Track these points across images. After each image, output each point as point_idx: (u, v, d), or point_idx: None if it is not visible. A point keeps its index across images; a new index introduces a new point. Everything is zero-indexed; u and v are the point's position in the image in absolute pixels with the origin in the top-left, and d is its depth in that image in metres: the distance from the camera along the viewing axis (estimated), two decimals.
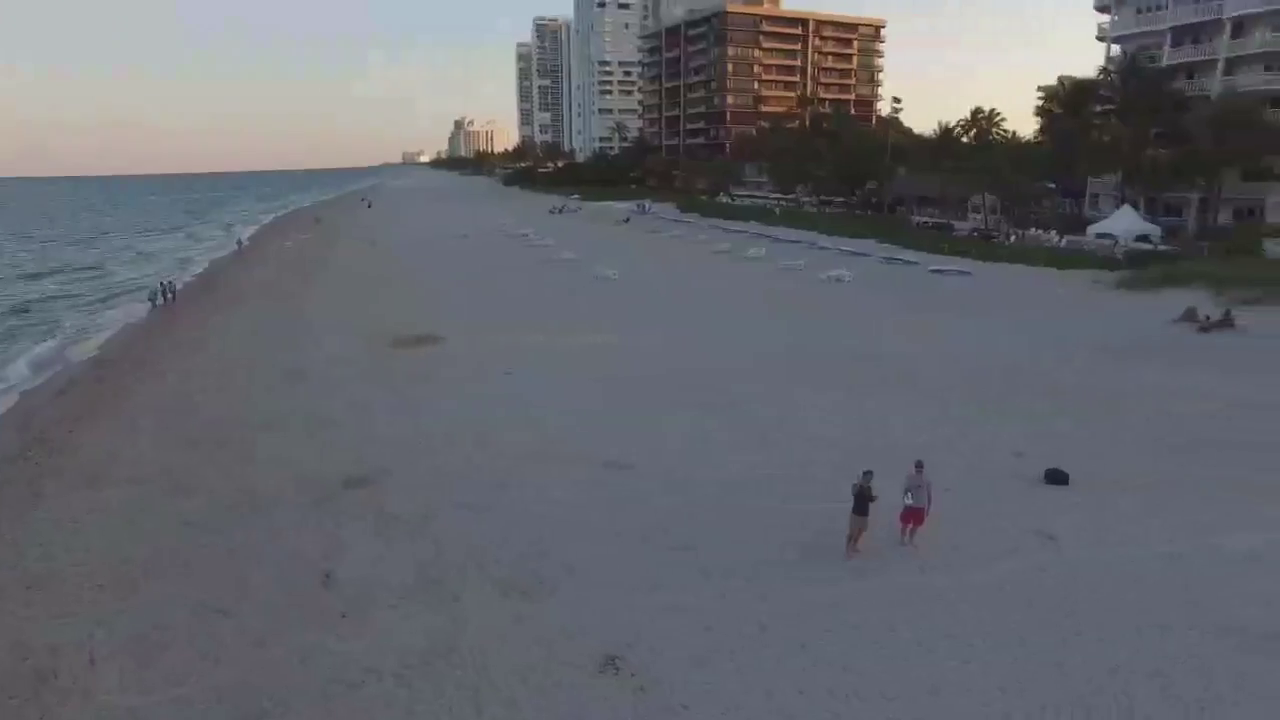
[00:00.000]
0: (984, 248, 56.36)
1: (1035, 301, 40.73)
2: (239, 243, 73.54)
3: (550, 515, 16.34)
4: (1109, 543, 15.22)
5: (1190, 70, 63.47)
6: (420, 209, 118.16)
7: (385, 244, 70.26)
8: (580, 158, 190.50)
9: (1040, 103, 73.85)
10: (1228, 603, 13.08)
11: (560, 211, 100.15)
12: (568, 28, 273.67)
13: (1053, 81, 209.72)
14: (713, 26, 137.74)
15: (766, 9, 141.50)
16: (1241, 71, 61.80)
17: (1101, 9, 70.34)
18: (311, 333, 34.25)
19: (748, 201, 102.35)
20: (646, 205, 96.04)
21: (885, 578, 14.05)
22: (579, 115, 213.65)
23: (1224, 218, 61.07)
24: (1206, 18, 62.82)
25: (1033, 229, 61.66)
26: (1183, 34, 64.40)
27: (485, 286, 45.88)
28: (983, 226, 67.53)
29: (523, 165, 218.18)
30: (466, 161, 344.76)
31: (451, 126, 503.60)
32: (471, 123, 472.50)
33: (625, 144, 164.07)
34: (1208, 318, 33.12)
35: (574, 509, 16.70)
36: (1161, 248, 51.20)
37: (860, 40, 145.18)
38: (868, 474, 14.52)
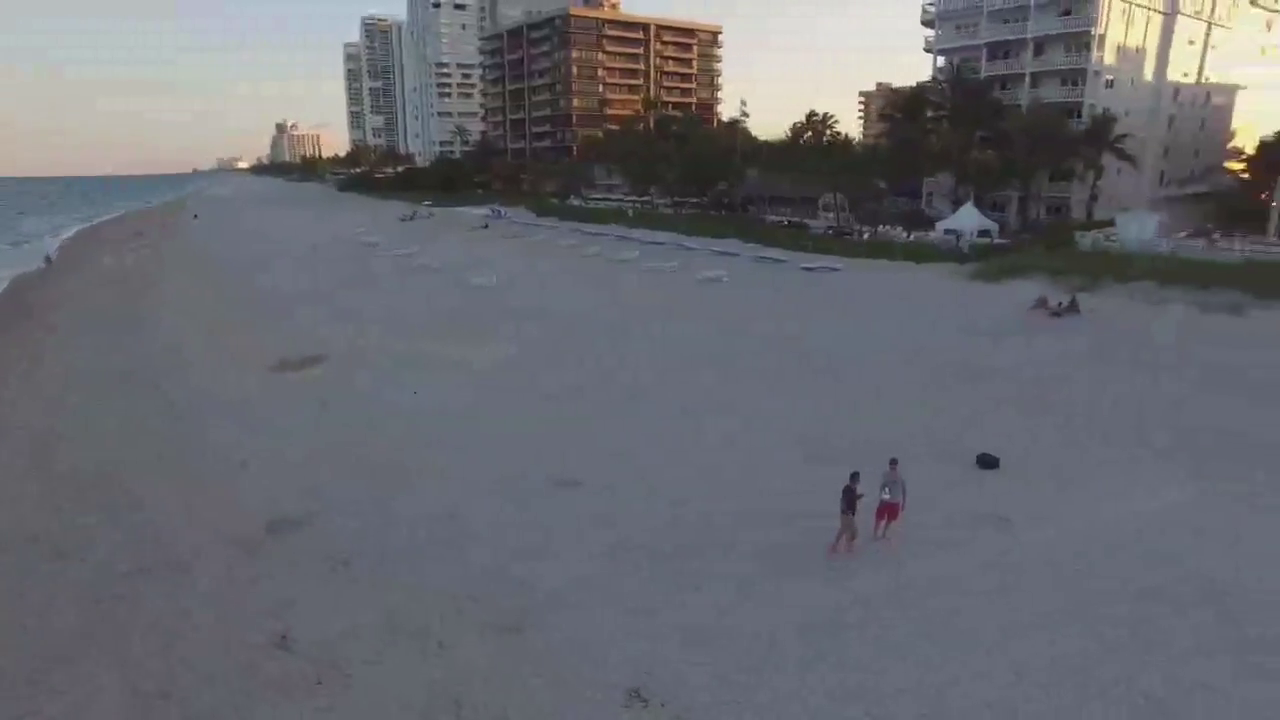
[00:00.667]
0: (844, 245, 59.50)
1: (907, 293, 43.41)
2: (47, 259, 64.53)
3: (513, 543, 15.36)
4: (1051, 520, 16.28)
5: (1003, 82, 70.32)
6: (254, 218, 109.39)
7: (227, 258, 64.33)
8: (420, 162, 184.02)
9: (861, 108, 79.55)
10: (1156, 565, 14.40)
11: (412, 218, 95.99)
12: (399, 28, 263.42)
13: (874, 88, 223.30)
14: (555, 29, 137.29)
15: (608, 13, 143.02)
16: (1044, 85, 69.28)
17: (927, 23, 76.34)
18: (175, 361, 30.31)
19: (602, 204, 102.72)
20: (501, 210, 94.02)
21: (871, 574, 14.28)
22: (416, 118, 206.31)
23: (1039, 213, 68.26)
24: (1013, 36, 69.89)
25: (883, 226, 65.91)
26: (995, 50, 71.26)
27: (356, 300, 42.93)
28: (836, 224, 71.41)
29: (358, 170, 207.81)
30: (293, 167, 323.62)
31: (273, 130, 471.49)
32: (295, 126, 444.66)
33: (467, 147, 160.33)
34: (1060, 304, 36.69)
35: (535, 533, 15.79)
36: (998, 241, 56.31)
37: (699, 45, 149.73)
38: (855, 475, 14.79)
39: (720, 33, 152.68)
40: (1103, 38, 65.59)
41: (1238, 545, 15.20)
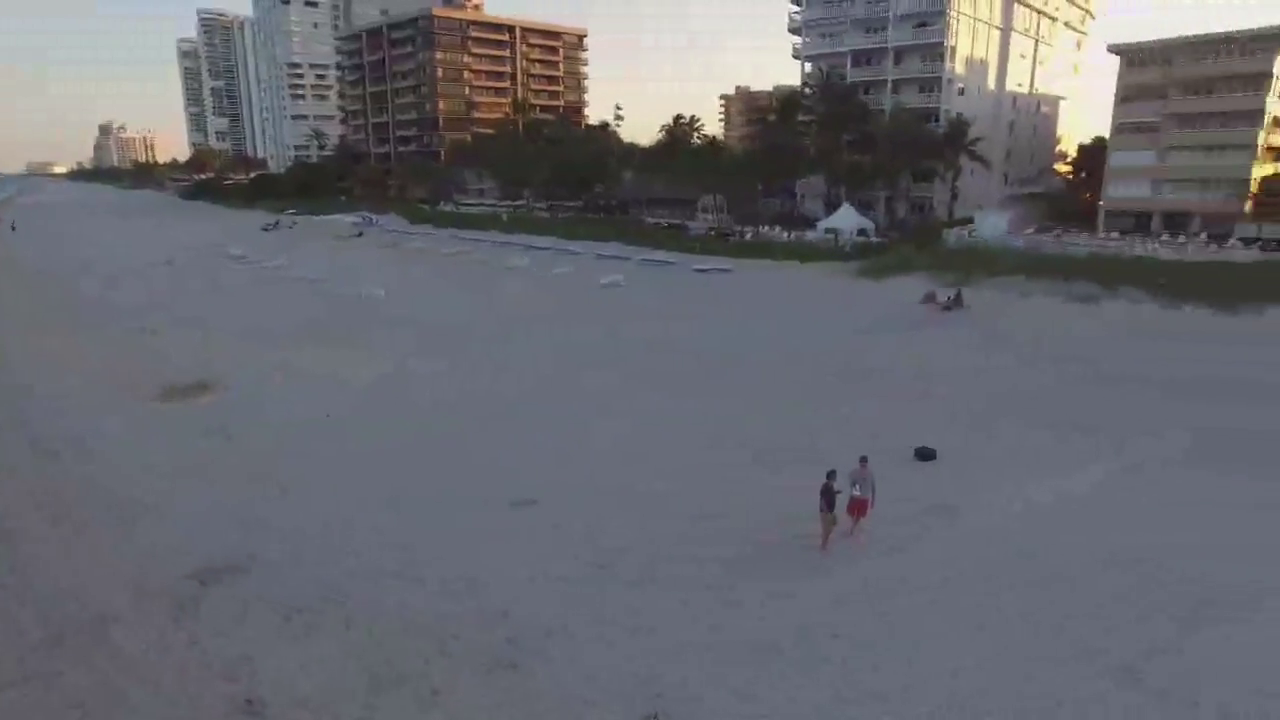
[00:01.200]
0: (728, 246, 60.88)
1: (801, 291, 44.93)
2: None
3: (484, 574, 14.47)
4: (993, 507, 17.15)
5: (867, 87, 74.20)
6: (89, 229, 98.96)
7: (66, 275, 57.64)
8: (274, 167, 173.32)
9: (721, 110, 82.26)
10: (1097, 539, 15.46)
11: (274, 227, 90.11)
12: (243, 25, 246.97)
13: (736, 92, 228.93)
14: (418, 30, 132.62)
15: (473, 14, 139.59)
16: (904, 91, 73.72)
17: (795, 31, 79.39)
18: (36, 396, 26.69)
19: (475, 209, 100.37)
20: (373, 218, 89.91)
21: (846, 571, 14.53)
22: (267, 121, 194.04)
23: (905, 212, 72.55)
24: (875, 45, 73.93)
25: (763, 227, 67.92)
26: (859, 57, 75.10)
27: (234, 318, 39.58)
28: (716, 226, 72.98)
29: (204, 176, 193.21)
30: (123, 173, 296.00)
31: (96, 133, 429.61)
32: (123, 128, 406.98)
33: (326, 152, 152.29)
34: (949, 298, 39.03)
35: (504, 560, 14.98)
36: (874, 240, 59.29)
37: (565, 48, 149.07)
38: (831, 473, 15.10)
39: (586, 35, 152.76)
40: (954, 49, 70.54)
41: (1156, 515, 16.61)
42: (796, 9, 78.55)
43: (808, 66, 78.87)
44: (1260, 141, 62.43)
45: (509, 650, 12.08)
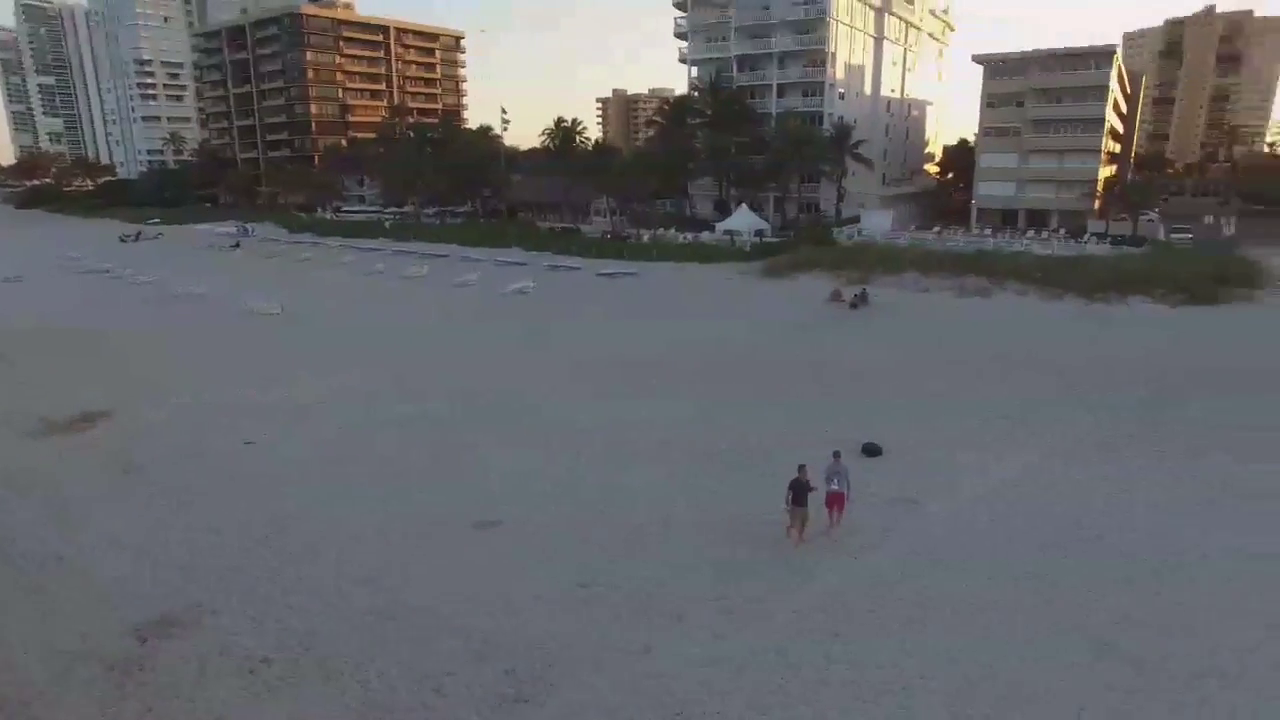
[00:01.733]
0: (629, 248, 60.94)
1: (710, 292, 45.51)
2: None
3: (463, 604, 13.63)
4: (949, 495, 17.82)
5: (753, 91, 76.19)
6: None
7: None
8: (123, 173, 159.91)
9: (599, 113, 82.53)
10: (1049, 517, 16.39)
11: (136, 239, 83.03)
12: (73, 14, 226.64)
13: (613, 95, 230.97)
14: (285, 29, 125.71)
15: (344, 13, 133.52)
16: (789, 95, 76.21)
17: (681, 36, 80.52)
18: None
19: (358, 217, 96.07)
20: (248, 227, 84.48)
21: (830, 567, 14.72)
22: (113, 122, 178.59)
23: (795, 213, 75.00)
24: (760, 50, 76.05)
25: (660, 229, 68.43)
26: (744, 62, 77.02)
27: (112, 339, 36.07)
28: (612, 229, 72.97)
29: (39, 182, 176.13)
30: None
31: None
32: None
33: (184, 157, 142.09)
34: (856, 296, 40.50)
35: (481, 586, 14.20)
36: (771, 240, 60.85)
37: (442, 50, 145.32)
38: (802, 468, 15.41)
39: (463, 38, 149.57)
40: (834, 55, 73.56)
41: (1095, 492, 17.78)
42: (682, 15, 79.74)
43: (694, 71, 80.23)
44: (1103, 147, 68.70)
45: (511, 683, 11.43)
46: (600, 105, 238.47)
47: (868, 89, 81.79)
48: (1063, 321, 36.10)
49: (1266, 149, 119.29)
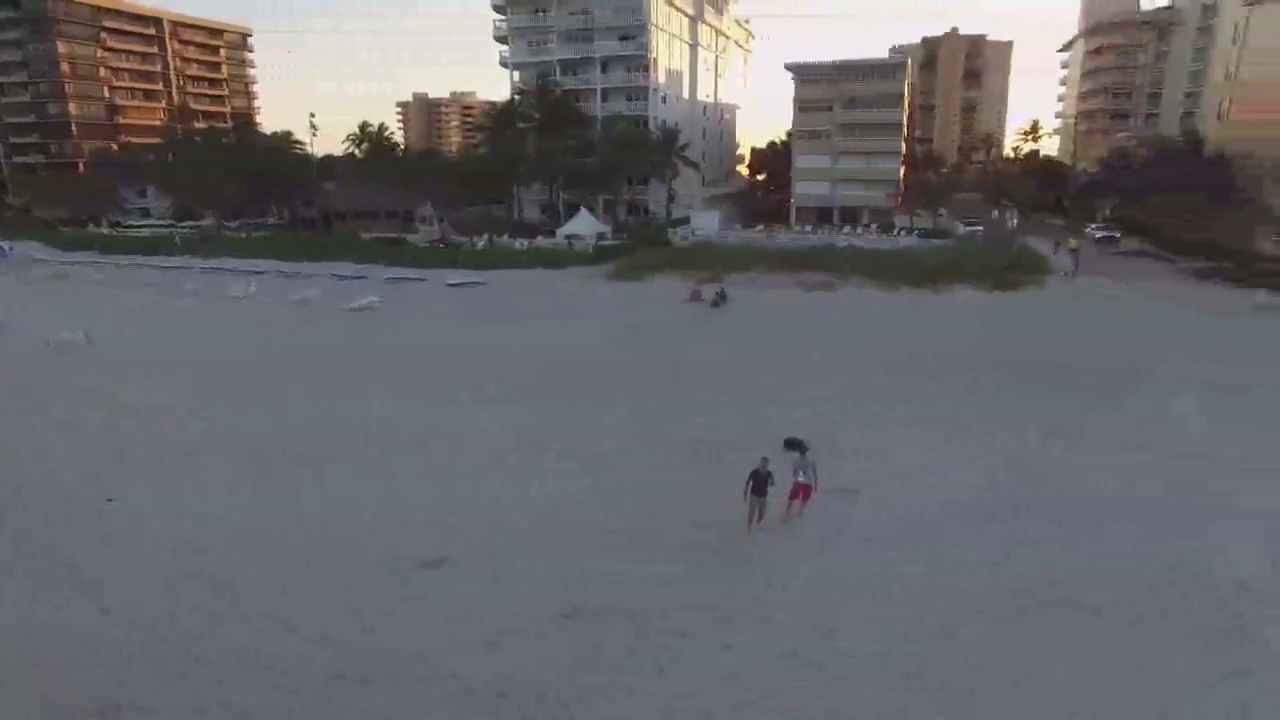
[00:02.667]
0: (467, 255, 58.84)
1: (567, 297, 44.97)
2: None
3: (449, 655, 12.36)
4: (882, 482, 18.71)
5: (578, 96, 76.44)
6: None
7: None
8: None
9: (399, 117, 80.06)
10: (979, 492, 17.79)
11: None
12: None
13: (414, 99, 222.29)
14: (28, 15, 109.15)
15: (105, 1, 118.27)
16: (613, 99, 77.28)
17: (501, 39, 79.07)
18: None
19: (144, 231, 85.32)
20: (7, 246, 72.44)
21: (802, 561, 15.01)
22: None
23: (625, 215, 76.21)
24: (582, 55, 76.46)
25: (492, 235, 66.54)
26: (568, 66, 77.10)
27: None
28: (441, 236, 70.20)
29: None
30: None
31: None
32: None
33: None
34: (716, 295, 41.65)
35: (461, 631, 13.00)
36: (613, 242, 61.20)
37: (227, 48, 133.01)
38: (765, 459, 15.93)
39: (250, 35, 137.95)
40: (656, 60, 75.51)
41: (1008, 464, 19.48)
42: (501, 18, 78.39)
43: (516, 75, 79.20)
44: (902, 149, 75.84)
45: None
46: (400, 110, 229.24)
47: (686, 93, 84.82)
48: (906, 309, 39.36)
49: (1011, 153, 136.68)
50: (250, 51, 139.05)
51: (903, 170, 77.96)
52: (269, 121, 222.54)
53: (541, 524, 16.94)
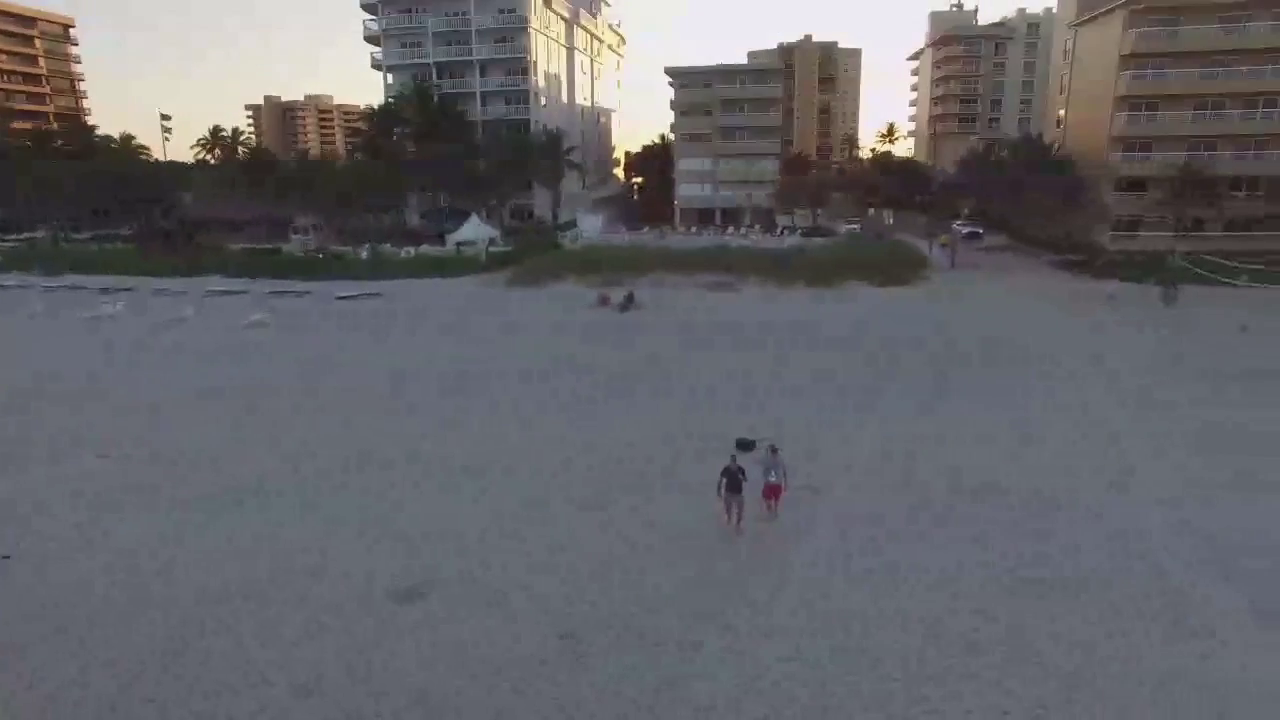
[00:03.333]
0: (353, 265, 55.92)
1: (473, 306, 43.64)
2: None
3: (457, 692, 11.69)
4: (842, 475, 19.27)
5: (458, 100, 74.28)
6: None
7: None
8: None
9: (250, 121, 75.77)
10: (940, 477, 18.82)
11: None
12: None
13: (265, 102, 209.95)
14: None
15: None
16: (493, 103, 75.78)
17: (372, 40, 75.72)
18: None
19: None
20: None
21: (788, 559, 15.28)
22: None
23: (507, 218, 74.88)
24: (460, 58, 74.48)
25: (375, 244, 63.55)
26: (444, 69, 74.88)
27: None
28: (321, 246, 66.51)
29: None
30: None
31: None
32: None
33: None
34: (625, 298, 41.70)
35: (463, 663, 12.32)
36: (503, 249, 59.97)
37: (45, 39, 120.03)
38: (734, 456, 16.67)
39: (73, 26, 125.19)
40: (535, 64, 74.68)
41: (946, 441, 20.66)
42: (371, 17, 75.11)
43: (389, 77, 76.17)
44: (780, 151, 78.76)
45: None
46: (251, 113, 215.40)
47: (565, 97, 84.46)
48: (809, 306, 40.99)
49: (869, 154, 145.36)
50: (74, 45, 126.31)
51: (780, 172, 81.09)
52: (102, 124, 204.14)
53: (508, 545, 16.41)
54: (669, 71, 76.23)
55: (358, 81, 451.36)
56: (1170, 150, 54.51)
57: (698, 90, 75.17)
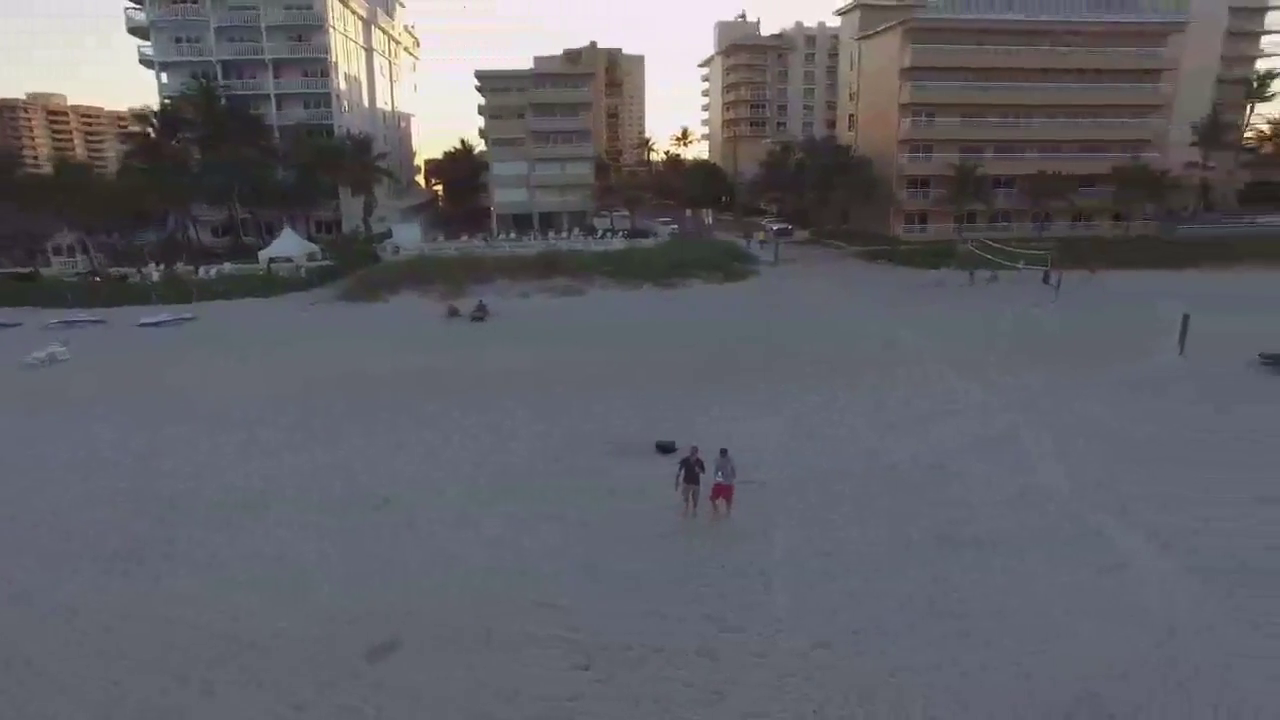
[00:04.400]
0: (136, 290, 49.23)
1: (307, 325, 40.35)
2: None
3: None
4: (773, 468, 20.08)
5: (250, 102, 67.55)
6: None
7: None
8: None
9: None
10: (871, 462, 20.20)
11: None
12: None
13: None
14: None
15: None
16: (290, 106, 69.87)
17: (136, 31, 66.92)
18: None
19: None
20: None
21: (768, 558, 15.70)
22: None
23: (312, 230, 69.51)
24: (250, 56, 67.80)
25: (159, 264, 56.06)
26: (231, 68, 67.88)
27: None
28: (93, 268, 57.76)
29: None
30: None
31: None
32: None
33: None
34: (476, 309, 40.51)
35: (481, 708, 11.46)
36: (319, 264, 55.46)
37: None
38: (694, 448, 17.33)
39: None
40: (336, 65, 69.86)
41: (850, 425, 22.16)
42: (135, 7, 66.35)
43: (164, 76, 67.81)
44: (593, 154, 79.64)
45: None
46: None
47: (366, 101, 79.94)
48: (659, 304, 42.05)
49: (663, 156, 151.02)
50: None
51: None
52: None
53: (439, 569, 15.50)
54: (479, 75, 74.37)
55: (126, 80, 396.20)
56: (948, 152, 62.33)
57: (509, 94, 74.00)
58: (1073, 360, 30.08)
